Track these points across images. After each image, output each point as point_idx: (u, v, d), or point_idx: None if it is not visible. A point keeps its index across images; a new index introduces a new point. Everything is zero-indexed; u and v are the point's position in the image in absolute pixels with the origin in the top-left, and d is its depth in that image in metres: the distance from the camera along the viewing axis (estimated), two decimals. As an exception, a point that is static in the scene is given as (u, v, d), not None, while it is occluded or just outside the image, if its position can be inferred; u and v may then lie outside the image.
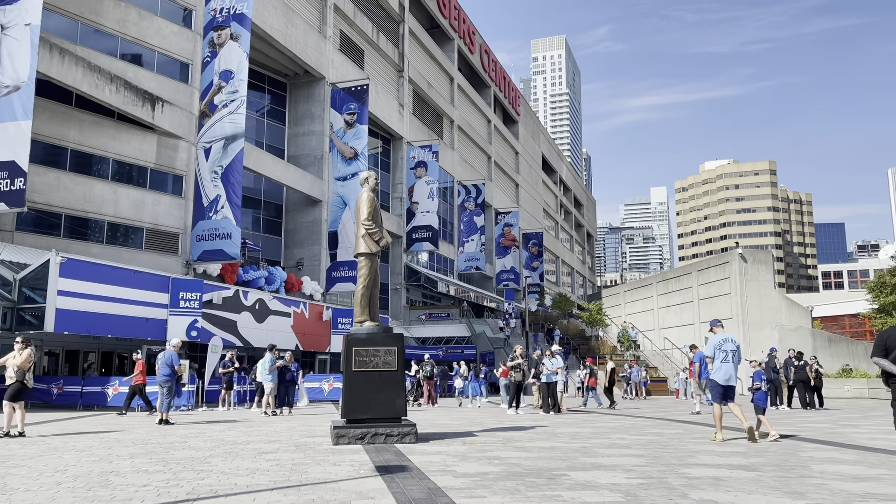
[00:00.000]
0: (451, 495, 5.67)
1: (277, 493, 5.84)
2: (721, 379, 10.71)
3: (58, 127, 24.05)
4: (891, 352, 6.27)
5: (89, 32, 25.13)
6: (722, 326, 11.26)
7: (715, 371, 10.82)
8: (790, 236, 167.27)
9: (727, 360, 10.71)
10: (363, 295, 10.81)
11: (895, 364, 6.22)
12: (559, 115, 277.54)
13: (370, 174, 11.24)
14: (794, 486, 6.12)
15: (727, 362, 10.71)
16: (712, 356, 10.84)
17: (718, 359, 10.76)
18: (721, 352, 10.74)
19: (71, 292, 19.42)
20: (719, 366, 10.74)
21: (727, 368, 10.70)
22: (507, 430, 12.39)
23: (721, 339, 10.83)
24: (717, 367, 10.76)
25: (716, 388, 10.85)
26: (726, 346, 10.75)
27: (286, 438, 11.03)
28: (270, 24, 32.22)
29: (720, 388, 10.77)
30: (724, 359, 10.70)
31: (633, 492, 5.84)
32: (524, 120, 75.09)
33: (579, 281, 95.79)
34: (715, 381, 10.81)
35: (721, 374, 10.70)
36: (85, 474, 7.07)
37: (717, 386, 10.78)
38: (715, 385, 10.85)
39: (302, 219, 36.60)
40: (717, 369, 10.76)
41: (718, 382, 10.75)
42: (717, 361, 10.77)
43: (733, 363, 10.74)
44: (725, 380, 10.71)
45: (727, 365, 10.70)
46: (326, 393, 25.76)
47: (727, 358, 10.70)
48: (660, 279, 48.57)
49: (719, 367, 10.74)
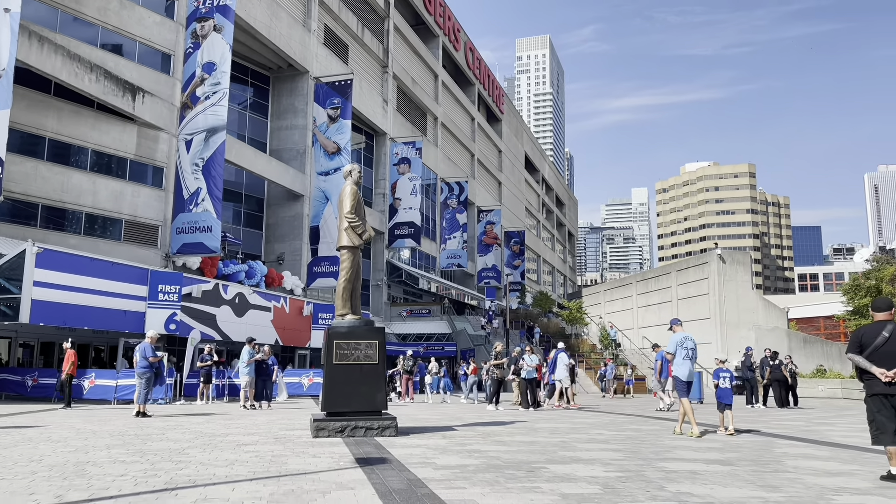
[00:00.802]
0: (431, 486, 5.69)
1: (257, 484, 5.82)
2: (684, 375, 11.17)
3: (36, 116, 23.70)
4: (865, 348, 6.38)
5: (69, 20, 24.78)
6: (681, 325, 11.72)
7: (677, 367, 11.25)
8: (768, 238, 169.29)
9: (688, 357, 11.21)
10: (345, 288, 10.79)
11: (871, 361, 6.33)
12: (542, 114, 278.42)
13: (354, 167, 11.21)
14: (769, 480, 6.21)
15: (688, 359, 11.20)
16: (674, 353, 11.29)
17: (680, 356, 11.21)
18: (682, 349, 11.22)
19: (47, 283, 19.15)
20: (681, 362, 11.18)
21: (688, 365, 11.18)
22: (487, 425, 12.43)
23: (682, 338, 11.32)
24: (679, 363, 11.19)
25: (680, 383, 11.25)
26: (686, 344, 11.25)
27: (265, 431, 10.98)
28: (254, 17, 31.98)
29: (684, 383, 11.21)
30: (686, 356, 11.20)
31: (612, 484, 5.90)
32: (508, 118, 75.23)
33: (560, 280, 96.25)
34: (679, 378, 11.24)
35: (684, 370, 11.16)
36: (61, 464, 7.00)
37: (682, 382, 11.22)
38: (679, 381, 11.27)
39: (283, 213, 36.39)
40: (679, 366, 11.20)
41: (682, 378, 11.19)
42: (679, 358, 11.21)
43: (692, 360, 11.26)
44: (687, 376, 11.19)
45: (688, 362, 11.20)
46: (306, 388, 25.66)
47: (688, 355, 11.21)
48: (639, 279, 48.93)
49: (681, 364, 11.18)
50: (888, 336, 6.28)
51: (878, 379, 6.21)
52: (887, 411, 6.18)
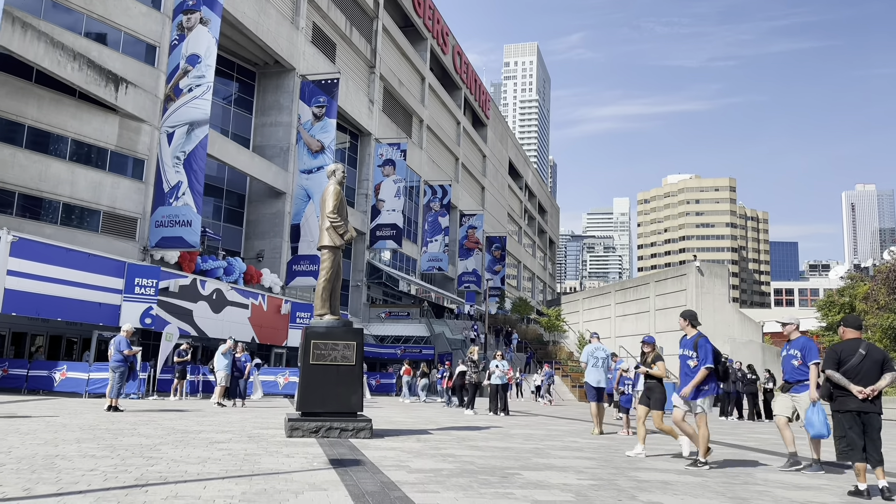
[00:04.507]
0: (404, 489, 5.68)
1: (228, 482, 5.78)
2: (593, 381, 12.67)
3: (15, 102, 23.35)
4: (843, 365, 6.48)
5: (54, 7, 24.46)
6: (598, 338, 13.51)
7: (588, 374, 12.72)
8: (746, 252, 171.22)
9: (597, 366, 12.69)
10: (325, 288, 10.74)
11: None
12: (528, 121, 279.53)
13: (337, 167, 11.17)
14: (739, 492, 6.28)
15: (597, 367, 12.69)
16: (586, 362, 12.81)
17: (591, 364, 12.68)
18: (593, 358, 12.73)
19: (21, 273, 18.88)
20: (591, 370, 12.66)
21: (597, 372, 12.66)
22: (463, 430, 12.44)
23: (594, 348, 12.91)
24: (589, 371, 12.67)
25: (590, 388, 12.73)
26: (597, 354, 12.75)
27: (239, 429, 10.90)
28: (242, 12, 31.79)
29: (593, 389, 12.67)
30: (595, 364, 12.69)
31: (584, 492, 5.93)
32: (493, 124, 75.44)
33: (539, 286, 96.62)
34: (588, 384, 12.74)
35: (593, 377, 12.65)
36: (29, 457, 6.89)
37: (591, 387, 12.70)
38: (589, 387, 12.75)
39: (264, 210, 36.17)
40: (589, 373, 12.67)
41: (591, 385, 12.68)
42: (590, 367, 12.67)
43: (602, 368, 12.74)
44: (597, 382, 12.70)
45: (597, 370, 12.66)
46: (281, 387, 25.49)
47: (598, 364, 12.68)
48: (618, 288, 49.24)
49: (591, 372, 12.67)
50: (864, 354, 6.41)
51: (853, 396, 6.32)
52: (858, 428, 6.30)
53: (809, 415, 7.75)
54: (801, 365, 8.22)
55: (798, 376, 8.26)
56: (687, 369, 8.16)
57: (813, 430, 7.67)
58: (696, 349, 8.09)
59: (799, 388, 8.25)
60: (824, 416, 7.63)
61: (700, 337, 8.18)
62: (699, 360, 8.03)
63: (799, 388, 8.25)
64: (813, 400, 7.86)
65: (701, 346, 8.06)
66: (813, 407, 7.80)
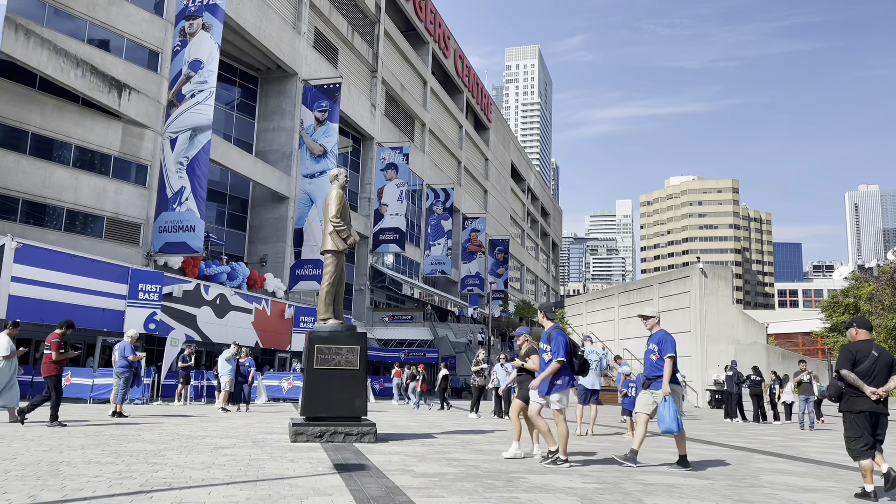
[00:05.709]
0: (409, 494, 5.67)
1: (233, 488, 5.77)
2: (587, 384, 13.07)
3: (19, 109, 23.43)
4: (858, 365, 6.47)
5: (56, 14, 24.56)
6: (591, 341, 13.94)
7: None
8: (749, 254, 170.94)
9: (591, 368, 12.64)
10: (328, 293, 10.73)
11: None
12: (530, 124, 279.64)
13: (340, 171, 11.18)
14: (745, 495, 6.25)
15: (592, 370, 12.71)
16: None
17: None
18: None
19: (25, 279, 18.93)
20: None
21: (591, 375, 12.95)
22: (467, 433, 12.42)
23: (587, 351, 13.01)
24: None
25: (583, 391, 13.13)
26: (591, 356, 12.79)
27: (243, 434, 10.89)
28: (244, 17, 31.88)
29: (586, 391, 13.11)
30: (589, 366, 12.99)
31: (590, 496, 5.91)
32: (495, 127, 75.49)
33: (543, 289, 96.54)
34: (583, 385, 13.01)
35: (587, 379, 12.95)
36: (34, 463, 6.90)
37: (584, 389, 13.10)
38: (582, 388, 13.09)
39: (267, 215, 36.23)
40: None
41: (585, 387, 13.06)
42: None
43: (595, 371, 13.06)
44: (591, 384, 13.13)
45: (592, 372, 12.85)
46: (285, 391, 25.49)
47: (592, 366, 12.51)
48: (621, 290, 49.13)
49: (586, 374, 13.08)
50: (877, 355, 6.43)
51: (865, 396, 6.32)
52: (871, 428, 6.34)
53: (661, 410, 7.64)
54: (658, 360, 7.95)
55: (657, 371, 7.96)
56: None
57: (663, 426, 7.61)
58: (549, 342, 7.90)
59: (658, 383, 7.94)
60: (675, 412, 7.60)
61: (554, 329, 8.01)
62: (552, 352, 7.83)
63: (658, 383, 7.94)
64: (665, 394, 7.70)
65: (554, 338, 7.87)
66: (664, 402, 7.68)
